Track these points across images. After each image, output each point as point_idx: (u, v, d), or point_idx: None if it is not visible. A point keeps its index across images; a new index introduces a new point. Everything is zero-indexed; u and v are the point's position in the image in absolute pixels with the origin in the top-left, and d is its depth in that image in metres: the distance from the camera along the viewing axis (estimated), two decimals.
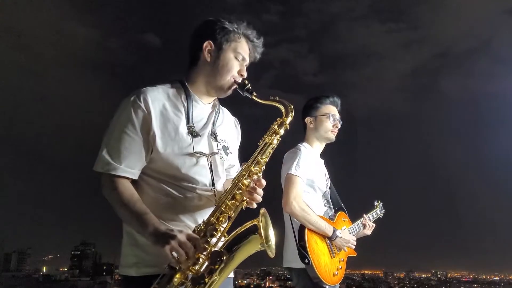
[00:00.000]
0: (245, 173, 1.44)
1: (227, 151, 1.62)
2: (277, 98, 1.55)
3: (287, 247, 2.44)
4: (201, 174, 1.49)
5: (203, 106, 1.58)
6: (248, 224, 1.38)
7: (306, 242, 2.28)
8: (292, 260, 2.37)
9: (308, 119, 2.65)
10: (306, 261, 2.24)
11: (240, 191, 1.41)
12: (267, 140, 1.48)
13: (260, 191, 1.43)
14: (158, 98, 1.45)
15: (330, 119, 2.61)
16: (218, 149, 1.55)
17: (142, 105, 1.41)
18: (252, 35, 1.58)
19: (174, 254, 1.26)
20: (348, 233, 2.56)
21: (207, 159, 1.50)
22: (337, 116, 2.65)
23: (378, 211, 2.91)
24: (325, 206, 2.58)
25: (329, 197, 2.64)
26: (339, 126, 2.65)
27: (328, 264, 2.36)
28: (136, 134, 1.41)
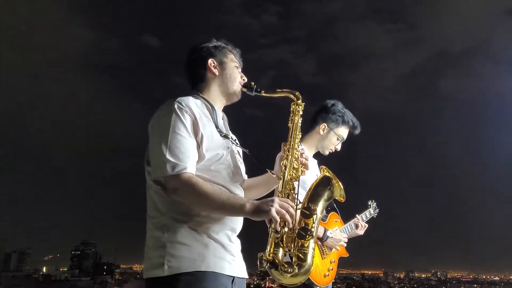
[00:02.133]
0: (292, 147, 1.68)
1: (240, 155, 1.80)
2: (284, 90, 1.78)
3: None
4: (237, 169, 1.66)
5: (220, 115, 1.75)
6: (319, 179, 1.71)
7: None
8: None
9: (323, 126, 2.62)
10: None
11: (296, 161, 1.65)
12: (295, 120, 1.74)
13: (307, 157, 1.72)
14: (194, 105, 1.59)
15: (339, 142, 2.64)
16: (238, 152, 1.74)
17: (187, 109, 1.54)
18: (232, 47, 1.84)
19: (276, 218, 1.37)
20: (340, 233, 2.56)
21: (238, 155, 1.73)
22: (344, 140, 2.67)
23: (371, 211, 2.91)
24: None
25: None
26: (338, 150, 2.68)
27: (318, 265, 2.36)
28: (190, 135, 1.51)
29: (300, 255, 1.45)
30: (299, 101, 1.76)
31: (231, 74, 1.76)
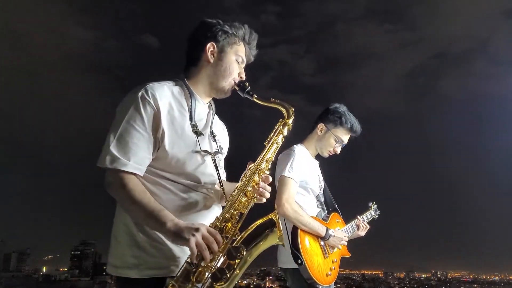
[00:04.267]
0: (255, 170, 1.48)
1: (222, 151, 1.64)
2: (278, 101, 1.57)
3: (281, 248, 2.44)
4: (207, 173, 1.50)
5: (203, 105, 1.59)
6: (264, 219, 1.44)
7: (299, 243, 2.29)
8: (286, 261, 2.39)
9: (321, 126, 2.63)
10: (299, 261, 2.25)
11: (251, 189, 1.46)
12: (273, 140, 1.53)
13: (269, 188, 1.50)
14: (164, 95, 1.44)
15: (337, 144, 2.64)
16: (217, 148, 1.58)
17: (151, 101, 1.39)
18: (249, 38, 1.63)
19: (194, 250, 1.23)
20: (342, 232, 2.57)
21: (212, 157, 1.52)
22: (344, 144, 2.67)
23: (372, 212, 2.92)
24: (318, 207, 2.59)
25: (323, 198, 2.65)
26: (337, 153, 2.67)
27: (321, 264, 2.37)
28: (145, 130, 1.38)
29: None
30: (289, 120, 1.54)
31: (227, 68, 1.56)
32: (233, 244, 1.35)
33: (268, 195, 1.49)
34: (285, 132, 1.55)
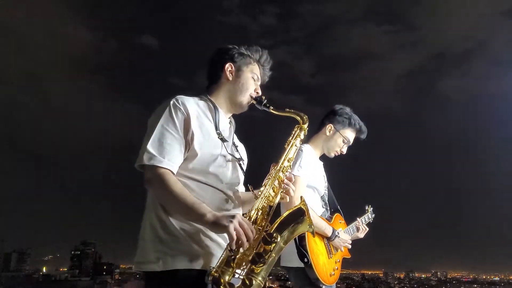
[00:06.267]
0: (279, 168, 1.63)
1: (244, 162, 1.78)
2: (292, 110, 1.76)
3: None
4: (232, 175, 1.64)
5: (225, 119, 1.76)
6: (293, 208, 1.54)
7: (306, 242, 2.30)
8: (290, 259, 2.40)
9: (329, 126, 2.67)
10: (306, 260, 2.26)
11: (277, 184, 1.61)
12: (292, 142, 1.72)
13: (293, 186, 1.66)
14: (192, 104, 1.62)
15: (344, 145, 2.68)
16: (240, 157, 1.72)
17: (182, 108, 1.56)
18: (263, 60, 1.84)
19: (233, 235, 1.33)
20: (345, 234, 2.61)
21: (237, 162, 1.68)
22: (350, 144, 2.72)
23: (369, 215, 2.97)
24: (322, 207, 2.63)
25: (326, 199, 2.69)
26: (343, 153, 2.72)
27: (326, 264, 2.40)
28: (178, 133, 1.53)
29: (246, 280, 1.37)
30: (304, 126, 1.74)
31: (244, 84, 1.75)
32: (267, 232, 1.44)
33: (292, 192, 1.64)
34: (302, 136, 1.75)
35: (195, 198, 1.46)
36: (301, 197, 1.58)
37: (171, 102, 1.57)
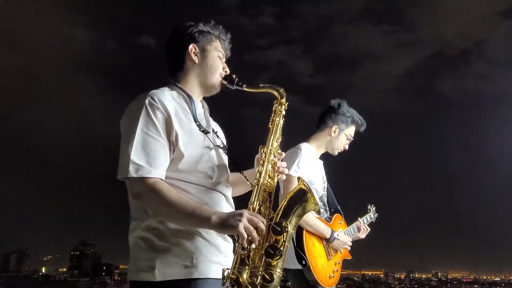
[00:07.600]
0: (269, 151, 1.53)
1: (226, 147, 1.67)
2: (267, 85, 1.63)
3: None
4: (221, 166, 1.54)
5: (200, 105, 1.62)
6: (294, 191, 1.49)
7: (304, 244, 2.27)
8: (288, 261, 2.32)
9: (334, 127, 2.65)
10: (303, 262, 2.23)
11: (271, 169, 1.52)
12: (276, 120, 1.59)
13: (284, 163, 1.58)
14: (169, 99, 1.46)
15: (347, 142, 2.69)
16: (222, 144, 1.61)
17: (160, 106, 1.41)
18: (222, 34, 1.68)
19: (244, 234, 1.26)
20: (345, 235, 2.57)
21: (223, 151, 1.58)
22: (352, 139, 2.73)
23: (371, 215, 2.93)
24: (321, 208, 2.56)
25: (326, 199, 2.64)
26: (346, 149, 2.73)
27: (324, 266, 2.36)
28: (160, 135, 1.39)
29: (266, 275, 1.32)
30: (283, 100, 1.61)
31: (212, 65, 1.60)
32: (273, 221, 1.38)
33: (286, 171, 1.58)
34: (283, 112, 1.61)
35: (194, 202, 1.36)
36: (298, 177, 1.52)
37: (146, 101, 1.40)
